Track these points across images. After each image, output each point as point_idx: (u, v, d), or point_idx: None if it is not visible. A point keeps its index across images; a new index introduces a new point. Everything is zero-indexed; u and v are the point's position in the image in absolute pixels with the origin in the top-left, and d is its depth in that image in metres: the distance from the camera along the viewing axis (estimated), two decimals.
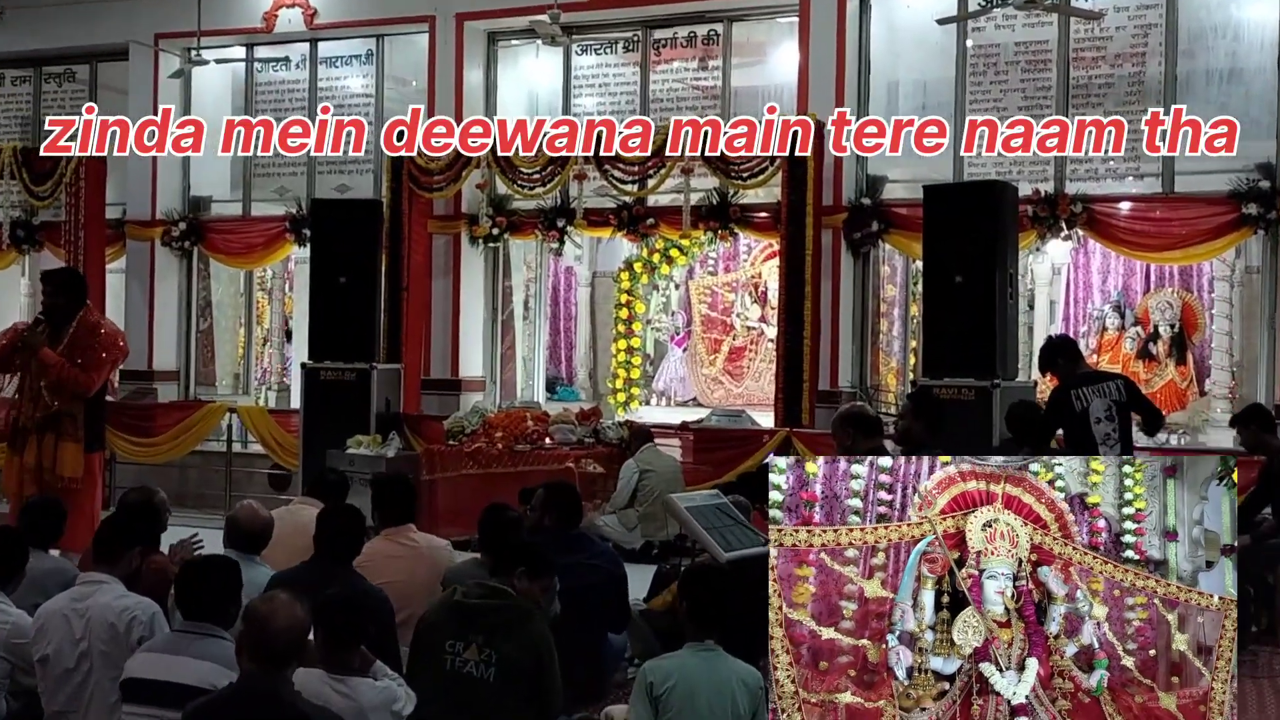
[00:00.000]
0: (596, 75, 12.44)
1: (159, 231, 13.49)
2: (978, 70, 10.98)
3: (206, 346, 14.15)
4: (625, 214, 11.82)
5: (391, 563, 6.11)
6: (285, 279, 14.97)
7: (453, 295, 12.45)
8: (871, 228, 11.04)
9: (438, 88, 12.46)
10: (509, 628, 4.93)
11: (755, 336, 14.47)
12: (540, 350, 13.33)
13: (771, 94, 11.73)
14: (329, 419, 11.17)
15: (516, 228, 12.39)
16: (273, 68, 13.51)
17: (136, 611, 4.99)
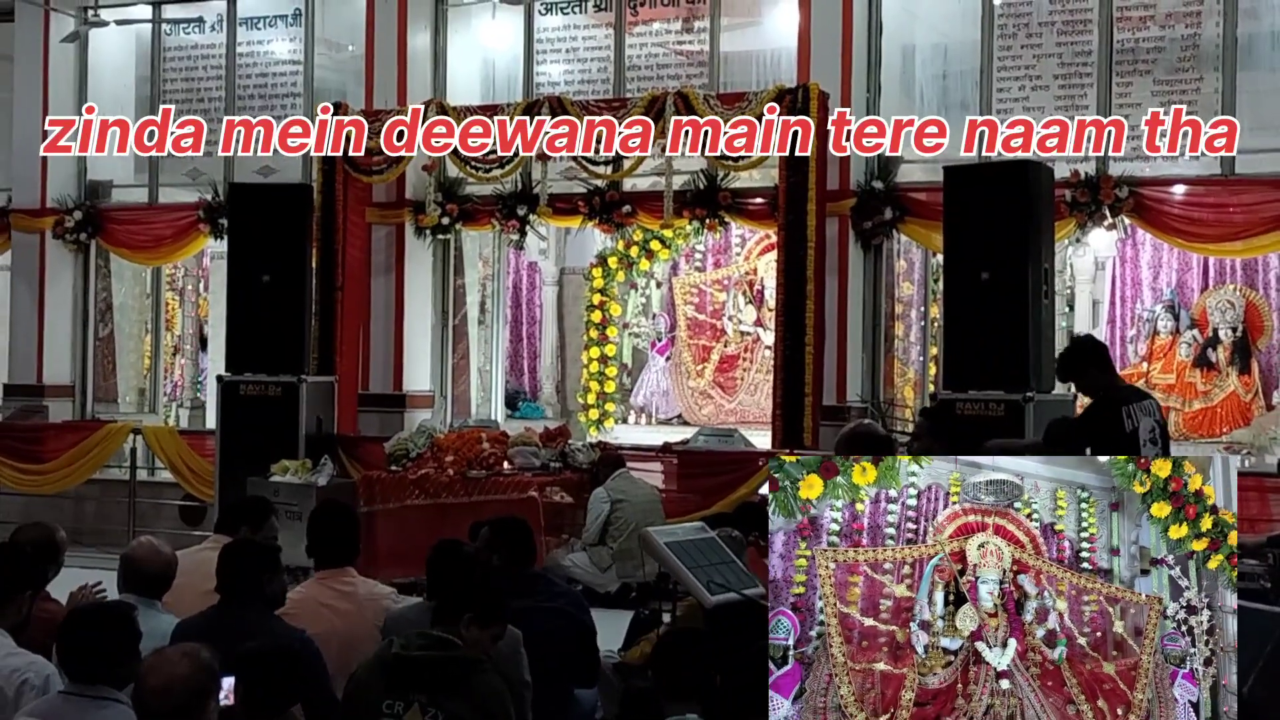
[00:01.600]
0: (563, 40, 12.43)
1: (50, 222, 13.42)
2: (1007, 33, 11.00)
3: (107, 357, 14.08)
4: (597, 200, 11.80)
5: (325, 612, 6.08)
6: (199, 277, 14.90)
7: (396, 296, 12.42)
8: (884, 216, 11.01)
9: (377, 53, 12.44)
10: (455, 683, 4.90)
11: (750, 343, 14.46)
12: (499, 360, 13.30)
13: (767, 60, 11.72)
14: (250, 441, 11.13)
15: (470, 216, 12.37)
16: (183, 29, 13.46)
17: (28, 674, 4.93)
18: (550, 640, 6.03)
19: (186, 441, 12.34)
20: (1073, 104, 10.81)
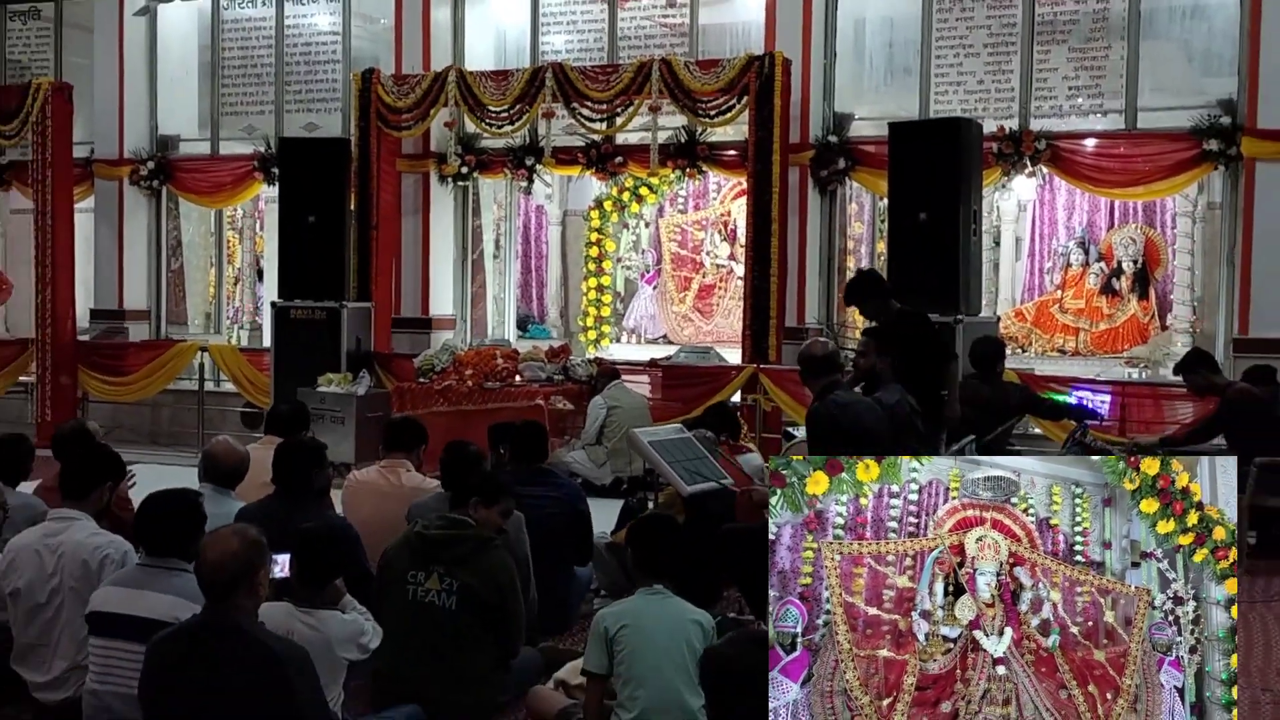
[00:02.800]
0: (565, 13, 12.33)
1: (127, 171, 13.38)
2: (944, 7, 10.91)
3: (177, 286, 14.10)
4: (594, 152, 11.77)
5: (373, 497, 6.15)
6: (255, 218, 14.87)
7: (422, 234, 12.41)
8: (838, 165, 11.03)
9: (405, 26, 12.35)
10: (468, 557, 4.97)
11: (724, 274, 14.47)
12: (511, 289, 13.30)
13: (739, 31, 11.66)
14: (300, 357, 11.19)
15: (486, 166, 12.35)
16: (239, 5, 13.33)
17: (109, 550, 5.00)
18: (553, 523, 6.11)
19: (246, 358, 12.36)
20: (999, 69, 10.78)
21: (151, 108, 13.58)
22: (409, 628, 4.91)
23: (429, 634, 4.93)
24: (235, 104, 13.46)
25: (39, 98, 12.46)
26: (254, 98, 13.31)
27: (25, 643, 5.03)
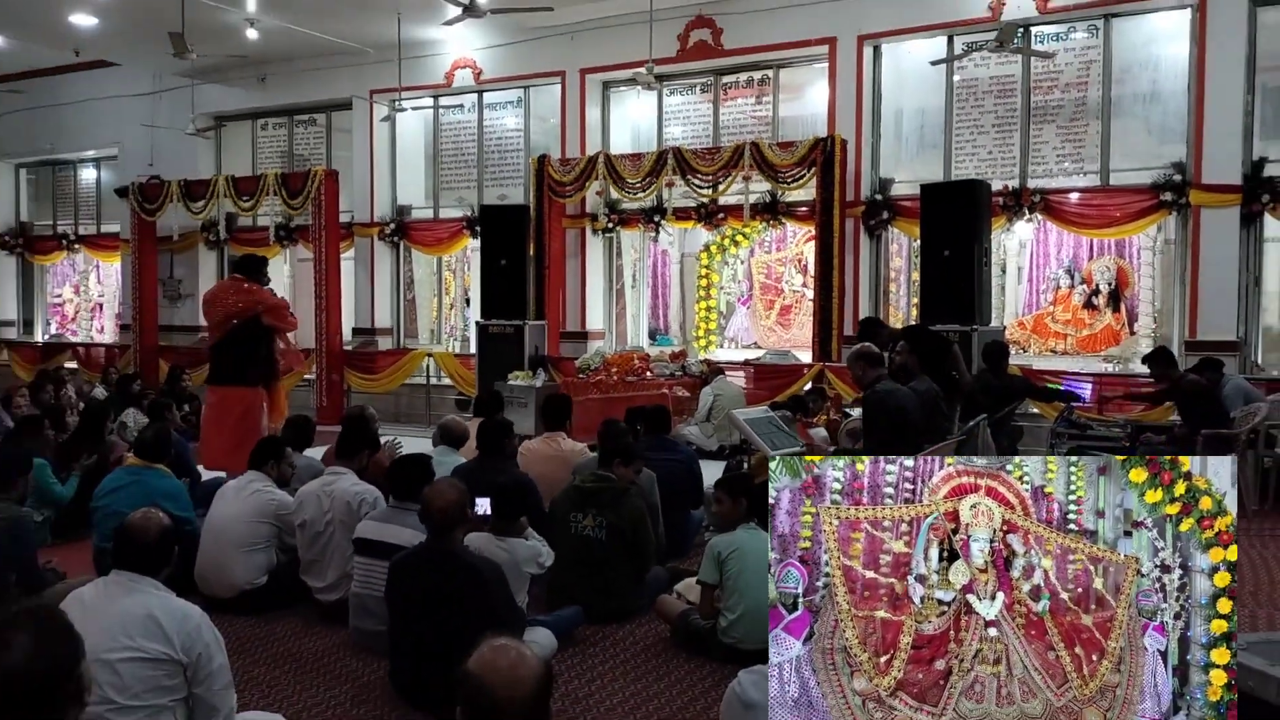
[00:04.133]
0: (681, 110, 12.34)
1: (376, 230, 13.70)
2: (961, 98, 10.67)
3: (411, 311, 14.40)
4: (703, 210, 11.77)
5: (542, 460, 6.26)
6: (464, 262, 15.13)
7: (580, 271, 12.52)
8: (883, 216, 10.85)
9: (568, 123, 12.47)
10: (612, 502, 5.03)
11: (799, 298, 14.31)
12: (643, 309, 13.35)
13: (808, 120, 11.52)
14: (496, 360, 11.40)
15: (625, 222, 12.41)
16: (452, 112, 13.59)
17: (365, 495, 5.17)
18: (675, 478, 6.15)
19: (459, 361, 12.61)
20: (1004, 142, 10.50)
21: (392, 185, 13.87)
22: (572, 553, 4.99)
23: (586, 557, 5.01)
24: (449, 181, 13.71)
25: (316, 180, 12.88)
26: (462, 177, 13.55)
27: (309, 560, 5.21)
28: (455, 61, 13.06)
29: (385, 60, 12.71)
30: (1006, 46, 9.44)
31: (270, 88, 14.26)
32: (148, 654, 2.98)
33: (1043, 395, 9.00)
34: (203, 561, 5.29)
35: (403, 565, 4.06)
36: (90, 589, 3.22)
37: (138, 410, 9.63)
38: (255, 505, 5.32)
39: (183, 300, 15.19)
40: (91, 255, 16.95)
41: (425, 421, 12.36)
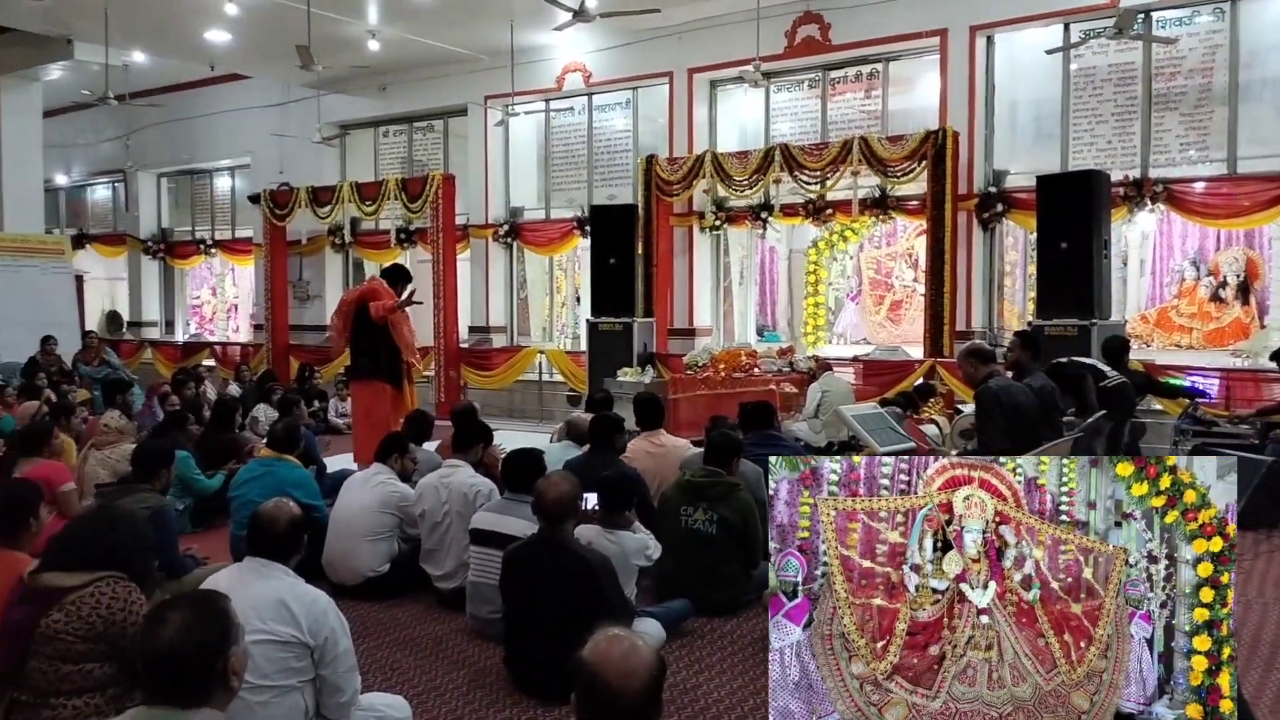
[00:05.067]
0: (789, 107, 12.23)
1: (490, 232, 13.97)
2: (1079, 87, 10.30)
3: (524, 309, 14.61)
4: (811, 206, 11.62)
5: (646, 456, 6.28)
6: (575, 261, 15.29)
7: (688, 269, 12.53)
8: (997, 209, 10.56)
9: (675, 122, 12.49)
10: (724, 496, 5.02)
11: (909, 293, 14.02)
12: (751, 306, 13.29)
13: (919, 112, 11.27)
14: (605, 357, 11.49)
15: (732, 219, 12.37)
16: (562, 115, 13.76)
17: (481, 487, 5.28)
18: None
19: (570, 358, 12.75)
20: (1124, 131, 10.10)
21: (506, 188, 14.12)
22: (682, 546, 5.00)
23: (696, 550, 5.01)
24: (560, 182, 13.89)
25: (433, 185, 13.21)
26: (572, 178, 13.70)
27: (428, 549, 5.35)
28: (565, 66, 13.21)
29: (499, 67, 12.95)
30: (1126, 33, 9.07)
31: (391, 96, 14.68)
32: (278, 637, 3.12)
33: (1165, 391, 8.62)
34: (330, 549, 5.49)
35: (516, 555, 4.14)
36: (225, 574, 3.39)
37: (268, 405, 10.05)
38: (379, 496, 5.50)
39: (311, 301, 15.77)
40: (227, 259, 17.75)
41: (538, 417, 12.56)
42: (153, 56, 14.02)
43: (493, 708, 4.02)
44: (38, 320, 13.08)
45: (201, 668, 2.16)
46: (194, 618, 2.19)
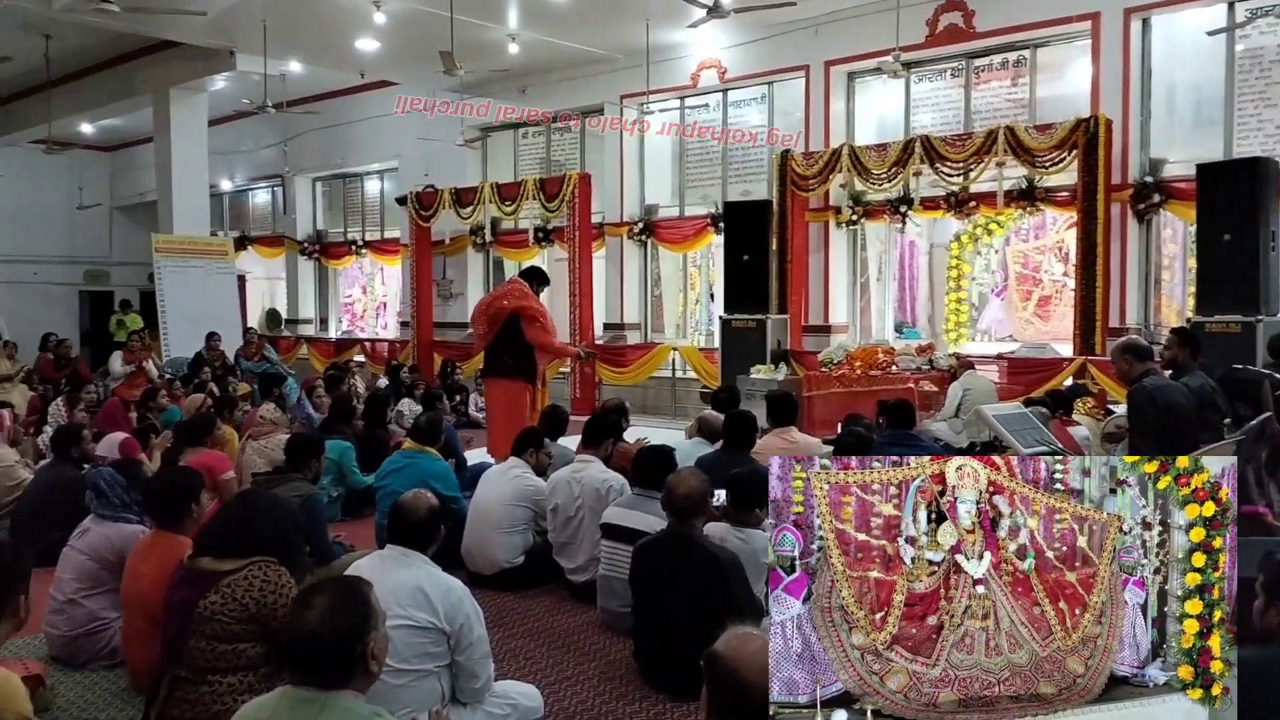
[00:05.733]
0: (930, 98, 11.90)
1: (625, 230, 14.10)
2: (1244, 69, 9.67)
3: (657, 306, 14.70)
4: (953, 199, 11.30)
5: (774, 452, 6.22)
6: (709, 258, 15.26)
7: (824, 265, 12.36)
8: (1153, 200, 10.04)
9: (811, 116, 12.34)
10: None
11: (1059, 288, 13.40)
12: (889, 302, 13.00)
13: (1068, 101, 10.79)
14: (738, 353, 11.44)
15: (870, 214, 12.13)
16: (697, 112, 13.77)
17: (613, 482, 5.34)
18: None
19: (703, 355, 12.77)
20: None
21: (641, 185, 14.23)
22: None
23: None
24: (694, 179, 13.89)
25: (571, 184, 13.43)
26: (707, 174, 13.69)
27: (561, 542, 5.45)
28: (701, 62, 13.21)
29: (634, 66, 13.05)
30: None
31: (530, 98, 14.98)
32: (416, 622, 3.23)
33: None
34: (468, 540, 5.65)
35: (645, 550, 4.16)
36: (368, 561, 3.53)
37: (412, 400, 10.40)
38: (514, 490, 5.63)
39: (454, 299, 16.26)
40: (376, 259, 18.47)
41: (671, 413, 12.61)
42: (308, 66, 14.70)
43: (622, 700, 4.06)
44: (203, 317, 13.92)
45: (343, 651, 2.24)
46: (337, 603, 2.27)
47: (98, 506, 4.46)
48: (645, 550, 4.16)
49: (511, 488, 5.62)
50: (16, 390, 11.23)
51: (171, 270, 14.77)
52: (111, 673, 4.27)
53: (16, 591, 2.57)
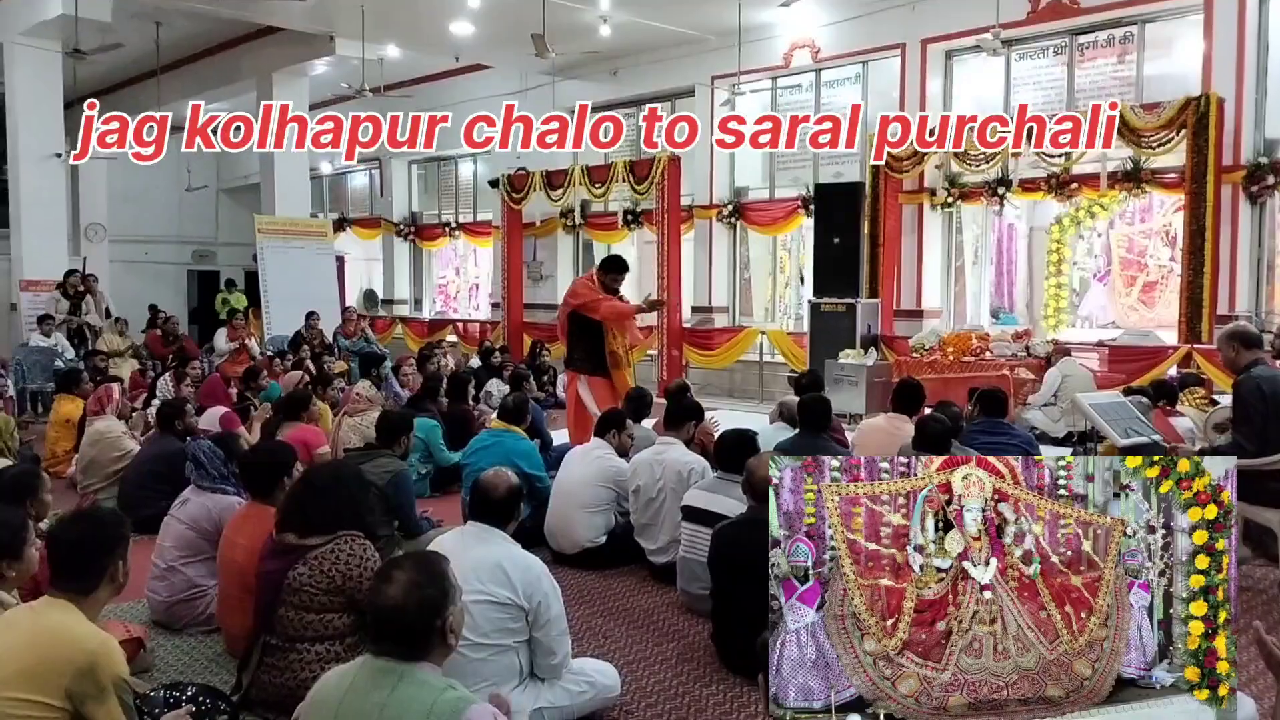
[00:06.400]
0: (1031, 76, 11.54)
1: (714, 212, 14.02)
2: None
3: (747, 289, 14.62)
4: (1054, 181, 10.95)
5: (879, 434, 6.16)
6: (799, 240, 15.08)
7: (917, 248, 12.11)
8: (1268, 182, 9.60)
9: (907, 95, 12.08)
10: None
11: (1166, 273, 12.88)
12: (985, 287, 12.68)
13: (1177, 79, 10.33)
14: (828, 338, 11.33)
15: (967, 196, 11.83)
16: (789, 93, 13.60)
17: (695, 465, 5.35)
18: None
19: (791, 339, 12.66)
20: None
21: (731, 168, 14.11)
22: None
23: None
24: (785, 161, 13.72)
25: (660, 166, 13.41)
26: (798, 156, 13.46)
27: (642, 523, 5.48)
28: (794, 42, 13.03)
29: (726, 46, 12.93)
30: None
31: (621, 80, 14.99)
32: (495, 598, 3.29)
33: None
34: (551, 519, 5.72)
35: (724, 534, 4.16)
36: (450, 537, 3.60)
37: (500, 380, 10.56)
38: (597, 470, 5.68)
39: (544, 280, 16.42)
40: (469, 241, 18.76)
41: (758, 398, 12.54)
42: (404, 50, 14.96)
43: (699, 681, 4.07)
44: (304, 297, 14.33)
45: (422, 625, 2.30)
46: (417, 577, 2.33)
47: (197, 478, 4.64)
48: (724, 533, 4.16)
49: (594, 468, 5.67)
50: (126, 365, 11.74)
51: (273, 251, 15.22)
52: (208, 638, 4.44)
53: (115, 557, 2.67)
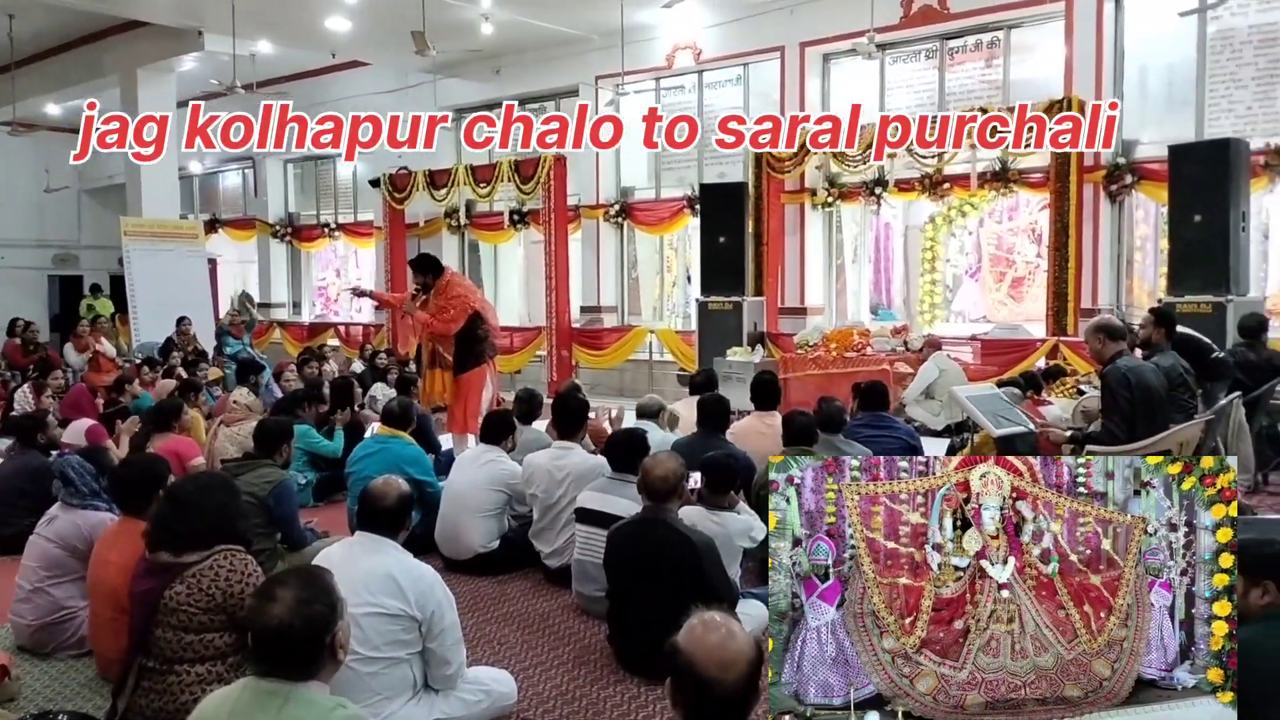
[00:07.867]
0: (904, 79, 11.89)
1: (602, 212, 14.02)
2: (1216, 50, 9.71)
3: (635, 288, 14.64)
4: (927, 181, 11.30)
5: (756, 435, 6.23)
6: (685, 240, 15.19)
7: (799, 247, 12.34)
8: (1125, 181, 10.10)
9: (786, 97, 12.29)
10: None
11: (1032, 269, 13.46)
12: (865, 284, 13.01)
13: (1041, 83, 10.80)
14: (716, 336, 11.42)
15: (846, 196, 12.12)
16: (672, 94, 13.69)
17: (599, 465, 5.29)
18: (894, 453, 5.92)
19: (680, 337, 12.74)
20: (1265, 96, 9.49)
21: (617, 168, 14.14)
22: None
23: None
24: (670, 162, 13.81)
25: (546, 166, 13.31)
26: (682, 157, 13.59)
27: (540, 527, 5.42)
28: (676, 44, 13.13)
29: (609, 46, 12.93)
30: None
31: (504, 79, 14.85)
32: (387, 610, 3.20)
33: None
34: (442, 526, 5.60)
35: (619, 534, 4.14)
36: (338, 548, 3.48)
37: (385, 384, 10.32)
38: (489, 475, 5.58)
39: None
40: (349, 242, 18.30)
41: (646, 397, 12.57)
42: (278, 46, 14.49)
43: (596, 684, 4.05)
44: (174, 301, 13.74)
45: (310, 643, 2.21)
46: (303, 594, 2.23)
47: (66, 494, 4.39)
48: (619, 534, 4.14)
49: (486, 473, 5.57)
50: None
51: (141, 254, 14.55)
52: (79, 661, 4.21)
53: None
